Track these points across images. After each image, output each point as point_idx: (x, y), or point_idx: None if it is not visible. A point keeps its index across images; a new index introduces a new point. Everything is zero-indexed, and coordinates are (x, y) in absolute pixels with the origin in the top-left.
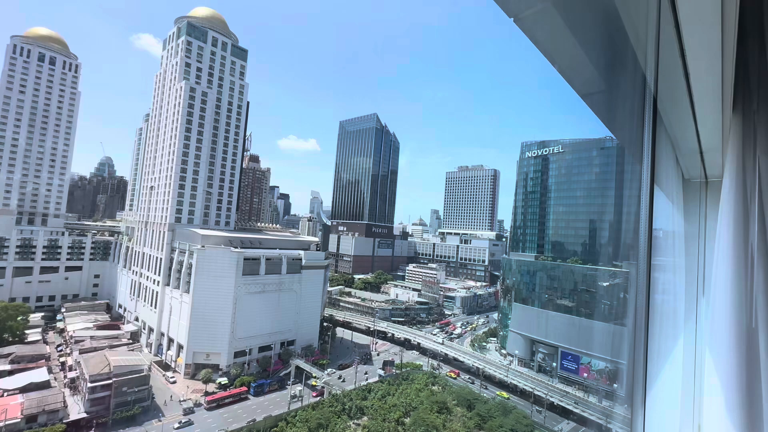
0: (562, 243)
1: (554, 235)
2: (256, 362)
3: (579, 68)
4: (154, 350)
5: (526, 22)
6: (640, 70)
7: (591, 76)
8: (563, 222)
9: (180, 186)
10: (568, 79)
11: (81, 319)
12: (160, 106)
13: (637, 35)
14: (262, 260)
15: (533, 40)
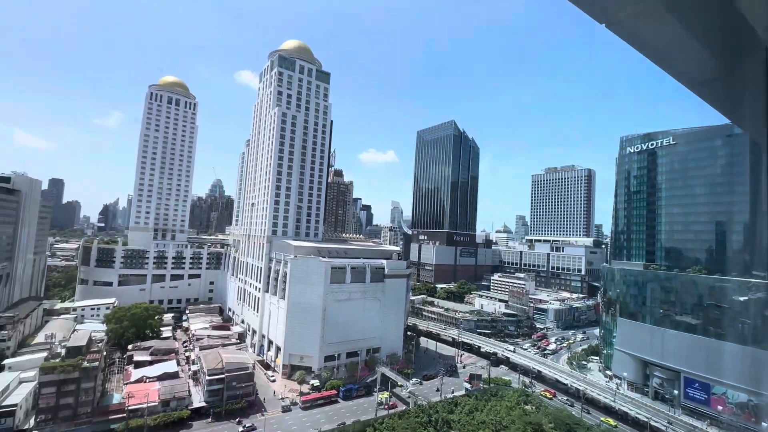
0: (679, 249)
1: (668, 241)
2: (345, 367)
3: (688, 58)
4: (257, 350)
5: (622, 25)
6: (763, 49)
7: (703, 64)
8: (680, 225)
9: (275, 201)
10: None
11: (200, 319)
12: (258, 132)
13: (754, 10)
14: (348, 269)
15: (630, 40)
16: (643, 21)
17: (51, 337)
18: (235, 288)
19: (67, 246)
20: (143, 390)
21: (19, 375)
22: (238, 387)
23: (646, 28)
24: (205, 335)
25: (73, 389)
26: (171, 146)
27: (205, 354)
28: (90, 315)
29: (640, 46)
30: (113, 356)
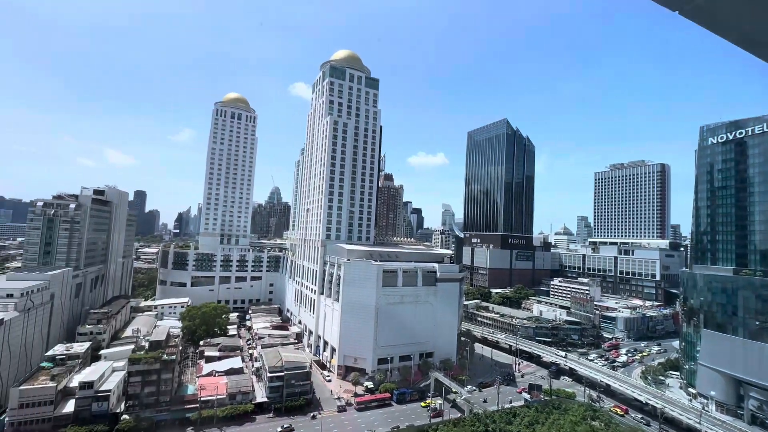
0: None
1: (765, 242)
2: (398, 371)
3: None
4: (314, 350)
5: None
6: None
7: None
8: None
9: (329, 207)
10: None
11: (261, 319)
12: (311, 140)
13: None
14: (399, 273)
15: (707, 24)
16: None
17: (137, 331)
18: (292, 290)
19: (149, 250)
20: (213, 383)
21: (112, 364)
22: (296, 385)
23: (729, 9)
24: (266, 334)
25: (155, 379)
26: (234, 158)
27: (266, 352)
28: (168, 312)
29: (720, 28)
30: (187, 351)
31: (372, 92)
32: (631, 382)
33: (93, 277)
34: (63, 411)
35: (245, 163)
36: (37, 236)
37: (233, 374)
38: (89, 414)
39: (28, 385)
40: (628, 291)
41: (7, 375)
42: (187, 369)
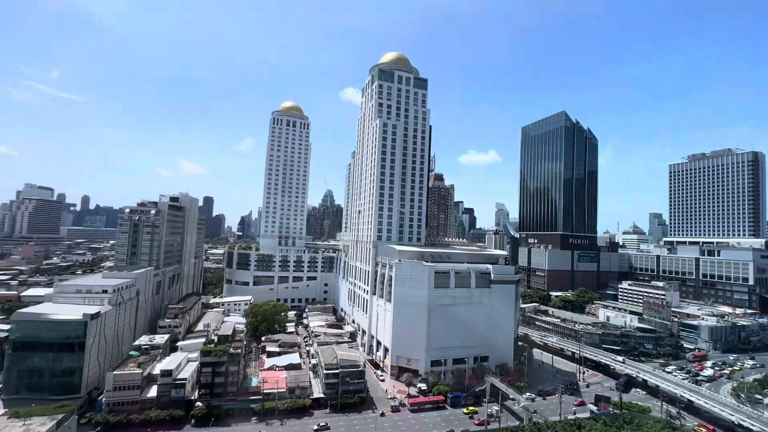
0: None
1: None
2: (451, 373)
3: None
4: (367, 350)
5: None
6: None
7: None
8: None
9: (379, 208)
10: None
11: (317, 318)
12: (362, 143)
13: None
14: (452, 274)
15: None
16: None
17: (207, 326)
18: (345, 290)
19: (216, 251)
20: (274, 377)
21: (187, 355)
22: (351, 383)
23: None
24: (321, 332)
25: (223, 370)
26: (290, 163)
27: (322, 349)
28: (233, 309)
29: None
30: (251, 345)
31: (420, 92)
32: (719, 399)
33: (170, 275)
34: (147, 395)
35: (300, 168)
36: (125, 239)
37: (292, 369)
38: (169, 399)
39: (120, 371)
40: (713, 297)
41: (103, 361)
42: (251, 363)
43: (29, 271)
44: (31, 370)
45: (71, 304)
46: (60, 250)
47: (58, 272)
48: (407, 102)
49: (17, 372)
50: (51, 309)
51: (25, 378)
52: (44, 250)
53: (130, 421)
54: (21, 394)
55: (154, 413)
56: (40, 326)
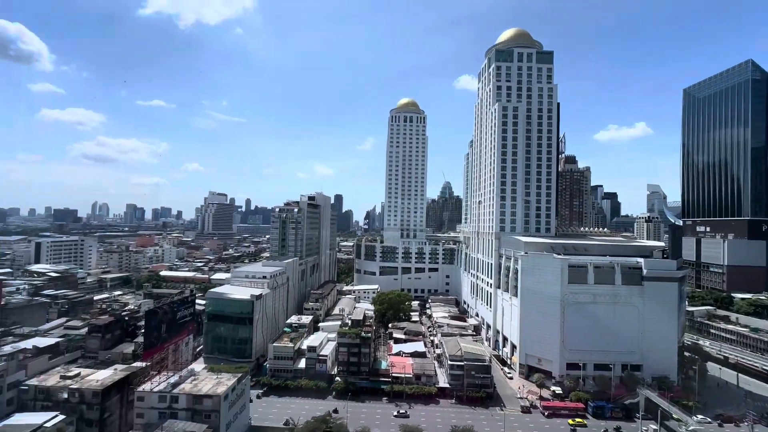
0: None
1: None
2: (592, 380)
3: None
4: (492, 345)
5: None
6: None
7: None
8: None
9: (501, 198)
10: None
11: (440, 309)
12: (479, 131)
13: None
14: (590, 268)
15: None
16: None
17: (342, 311)
18: (468, 282)
19: (346, 244)
20: (401, 362)
21: (327, 335)
22: (476, 376)
23: None
24: (445, 323)
25: (356, 351)
26: (408, 158)
27: (446, 340)
28: (363, 297)
29: None
30: (379, 331)
31: (545, 68)
32: None
33: (311, 265)
34: (297, 366)
35: (418, 162)
36: (277, 234)
37: (417, 357)
38: (314, 372)
39: (277, 343)
40: None
41: (265, 334)
42: (380, 347)
43: (215, 259)
44: (219, 336)
45: (242, 286)
46: (233, 243)
47: (232, 261)
48: (529, 80)
49: (211, 337)
50: (230, 290)
51: (216, 342)
52: (223, 244)
53: (287, 386)
54: (213, 354)
55: (304, 382)
56: (224, 303)
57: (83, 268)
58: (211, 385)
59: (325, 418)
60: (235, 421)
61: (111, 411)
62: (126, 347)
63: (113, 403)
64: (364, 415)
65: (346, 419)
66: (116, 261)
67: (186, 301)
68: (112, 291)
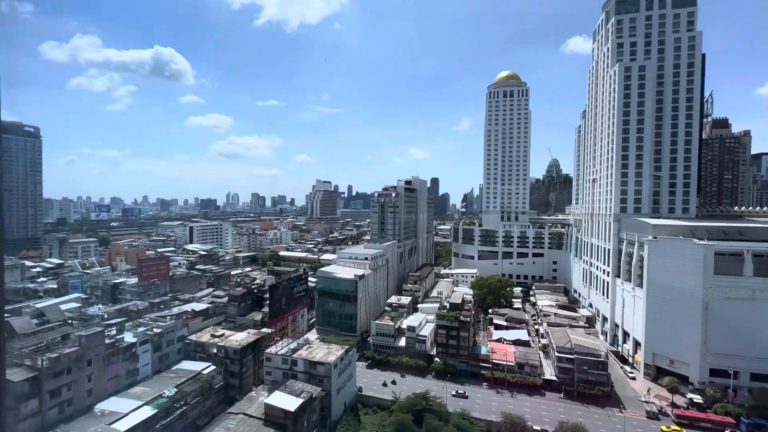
0: None
1: None
2: (747, 392)
3: None
4: (609, 339)
5: None
6: None
7: None
8: None
9: (622, 174)
10: None
11: (546, 297)
12: (594, 99)
13: None
14: (747, 256)
15: None
16: None
17: (440, 293)
18: (579, 269)
19: (443, 227)
20: (502, 349)
21: (425, 317)
22: (589, 372)
23: None
24: (551, 312)
25: (455, 334)
26: (509, 136)
27: (553, 331)
28: (461, 281)
29: None
30: (478, 316)
31: (684, 12)
32: None
33: (408, 248)
34: (398, 344)
35: (520, 139)
36: (377, 218)
37: (520, 345)
38: (414, 350)
39: (379, 321)
40: None
41: (368, 312)
42: (479, 332)
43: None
44: (328, 311)
45: (347, 267)
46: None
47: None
48: (662, 31)
49: (321, 311)
50: (336, 270)
51: (325, 316)
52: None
53: (389, 361)
54: (324, 327)
55: (405, 359)
56: (331, 281)
57: (222, 248)
58: (323, 354)
59: (425, 395)
60: (344, 388)
61: (247, 367)
62: (256, 315)
63: (248, 360)
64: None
65: (445, 399)
66: (246, 242)
67: (300, 278)
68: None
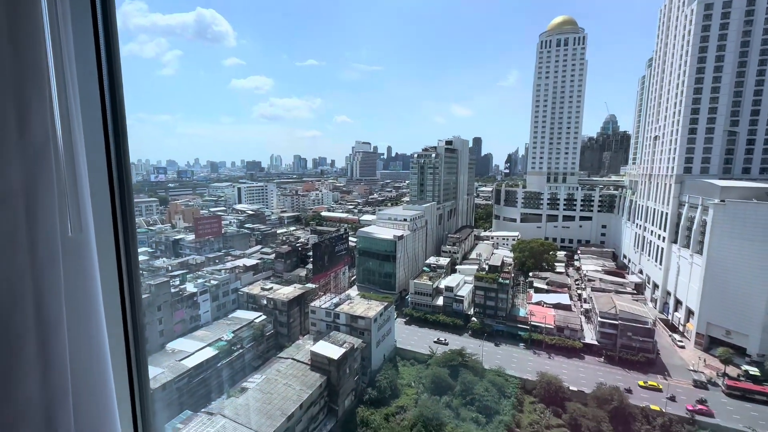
0: None
1: None
2: None
3: None
4: (659, 307)
5: None
6: None
7: None
8: None
9: (690, 130)
10: None
11: (591, 262)
12: (665, 44)
13: None
14: None
15: None
16: None
17: (479, 255)
18: (630, 234)
19: (485, 189)
20: (542, 312)
21: (463, 278)
22: (634, 339)
23: None
24: (597, 278)
25: (493, 296)
26: (561, 90)
27: (597, 296)
28: (502, 243)
29: None
30: (518, 279)
31: None
32: None
33: (448, 209)
34: (436, 303)
35: (573, 93)
36: (416, 179)
37: (561, 309)
38: (451, 310)
39: (418, 280)
40: None
41: (407, 271)
42: (519, 295)
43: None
44: (368, 270)
45: (386, 227)
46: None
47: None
48: None
49: (362, 270)
50: (375, 230)
51: (366, 274)
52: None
53: (426, 318)
54: (364, 284)
55: (442, 317)
56: (371, 241)
57: (268, 208)
58: (363, 309)
59: (461, 351)
60: (383, 341)
61: (294, 318)
62: (300, 271)
63: (295, 312)
64: (500, 355)
65: (481, 356)
66: (289, 203)
67: (341, 237)
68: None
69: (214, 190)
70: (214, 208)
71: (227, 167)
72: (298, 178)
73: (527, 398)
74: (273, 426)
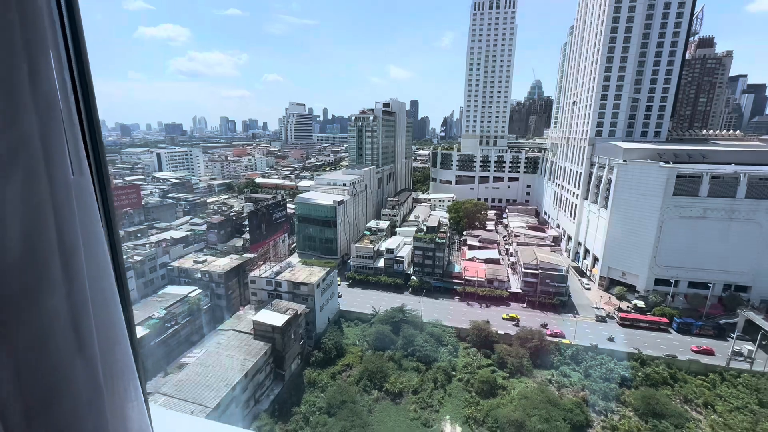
0: None
1: None
2: (684, 297)
3: None
4: (572, 256)
5: None
6: None
7: None
8: None
9: (602, 97)
10: None
11: (517, 219)
12: (584, 13)
13: None
14: (705, 178)
15: None
16: None
17: (417, 217)
18: (550, 193)
19: (422, 152)
20: (474, 267)
21: (403, 239)
22: (551, 285)
23: None
24: (522, 233)
25: (431, 255)
26: (492, 53)
27: (521, 249)
28: (438, 205)
29: None
30: (453, 238)
31: None
32: None
33: (387, 173)
34: (377, 265)
35: (504, 57)
36: (354, 143)
37: (491, 263)
38: (392, 270)
39: (359, 244)
40: None
41: (348, 236)
42: (454, 252)
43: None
44: (309, 236)
45: (325, 193)
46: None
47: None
48: None
49: (302, 237)
50: (314, 196)
51: (306, 241)
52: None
53: (368, 280)
54: (305, 251)
55: (383, 278)
56: (310, 207)
57: (194, 176)
58: (306, 275)
59: (401, 308)
60: (327, 305)
61: (232, 289)
62: (236, 242)
63: (233, 283)
64: (438, 309)
65: (420, 311)
66: (219, 169)
67: (279, 204)
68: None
69: (127, 157)
70: (130, 176)
71: (141, 130)
72: (226, 142)
73: (462, 344)
74: (218, 397)
